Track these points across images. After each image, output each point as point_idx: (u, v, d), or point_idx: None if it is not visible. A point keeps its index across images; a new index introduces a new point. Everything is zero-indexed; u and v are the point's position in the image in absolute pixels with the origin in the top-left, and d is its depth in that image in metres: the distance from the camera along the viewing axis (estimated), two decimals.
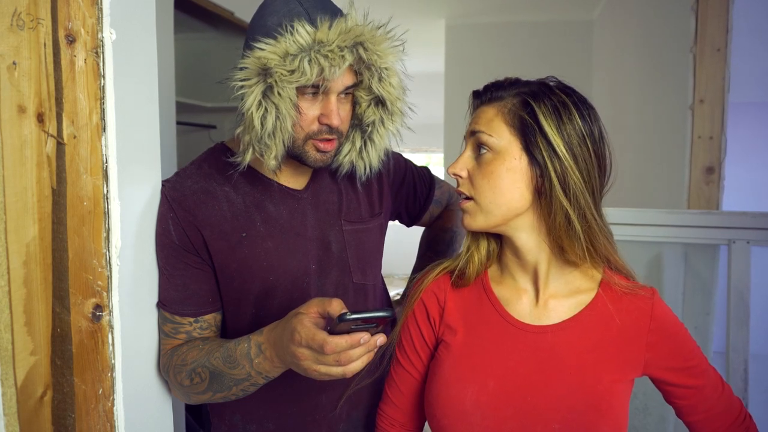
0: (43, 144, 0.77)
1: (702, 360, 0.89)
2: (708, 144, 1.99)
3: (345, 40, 0.86)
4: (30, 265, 0.76)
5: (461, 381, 0.87)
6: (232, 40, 2.68)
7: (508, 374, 0.85)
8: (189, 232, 0.94)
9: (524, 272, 0.89)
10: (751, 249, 1.67)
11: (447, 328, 0.92)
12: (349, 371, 0.74)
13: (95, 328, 0.83)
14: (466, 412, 0.85)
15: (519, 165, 0.82)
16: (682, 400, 0.89)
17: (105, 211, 0.84)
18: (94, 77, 0.81)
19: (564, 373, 0.84)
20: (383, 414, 1.01)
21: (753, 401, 1.69)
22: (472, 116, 0.88)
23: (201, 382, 0.89)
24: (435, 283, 0.95)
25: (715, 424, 0.89)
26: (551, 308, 0.87)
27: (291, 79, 0.85)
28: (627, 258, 0.91)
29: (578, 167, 0.81)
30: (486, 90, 0.87)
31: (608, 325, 0.85)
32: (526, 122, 0.81)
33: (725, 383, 0.91)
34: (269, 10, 0.89)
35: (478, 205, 0.85)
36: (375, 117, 0.97)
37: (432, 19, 4.17)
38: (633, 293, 0.87)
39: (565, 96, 0.83)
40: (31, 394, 0.77)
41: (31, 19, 0.74)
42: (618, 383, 0.84)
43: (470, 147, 0.87)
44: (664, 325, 0.86)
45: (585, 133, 0.81)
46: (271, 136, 0.89)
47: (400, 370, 0.98)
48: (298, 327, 0.75)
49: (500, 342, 0.87)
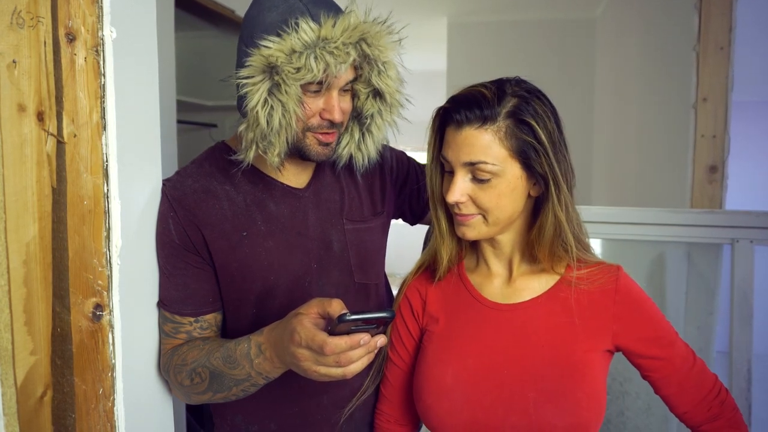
0: (43, 143, 0.76)
1: (669, 332, 0.92)
2: (711, 143, 1.98)
3: (350, 37, 0.86)
4: (30, 264, 0.75)
5: (442, 361, 0.91)
6: (232, 39, 2.68)
7: (485, 351, 0.90)
8: (189, 232, 0.94)
9: (499, 260, 0.96)
10: (754, 248, 1.66)
11: (430, 318, 0.97)
12: (349, 372, 0.74)
13: (95, 327, 0.83)
14: (447, 388, 0.89)
15: (521, 183, 0.86)
16: (653, 373, 0.92)
17: (105, 210, 0.84)
18: (94, 76, 0.81)
19: (537, 346, 0.89)
20: (380, 412, 1.04)
21: (756, 401, 1.68)
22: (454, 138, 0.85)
23: (201, 382, 0.89)
24: (416, 280, 1.01)
25: (688, 397, 0.91)
26: (521, 288, 0.93)
27: (297, 77, 0.85)
28: (630, 257, 0.92)
29: (561, 172, 0.84)
30: (467, 108, 0.83)
31: (576, 301, 0.90)
32: (527, 143, 0.83)
33: (697, 357, 0.94)
34: (267, 5, 0.88)
35: (486, 221, 0.88)
36: (373, 109, 0.97)
37: (434, 16, 4.16)
38: (595, 274, 0.91)
39: (539, 101, 0.85)
40: (31, 394, 0.77)
41: (31, 18, 0.74)
42: (590, 353, 0.88)
43: (463, 173, 0.86)
44: (629, 297, 0.90)
45: (558, 137, 0.85)
46: (276, 134, 0.88)
47: (391, 365, 1.02)
48: (298, 327, 0.74)
49: (476, 323, 0.93)
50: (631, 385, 1.82)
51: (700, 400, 0.91)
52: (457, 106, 0.85)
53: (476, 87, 0.86)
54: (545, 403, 0.85)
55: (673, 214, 1.73)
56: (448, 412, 0.89)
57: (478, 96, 0.84)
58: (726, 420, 0.91)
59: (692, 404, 0.91)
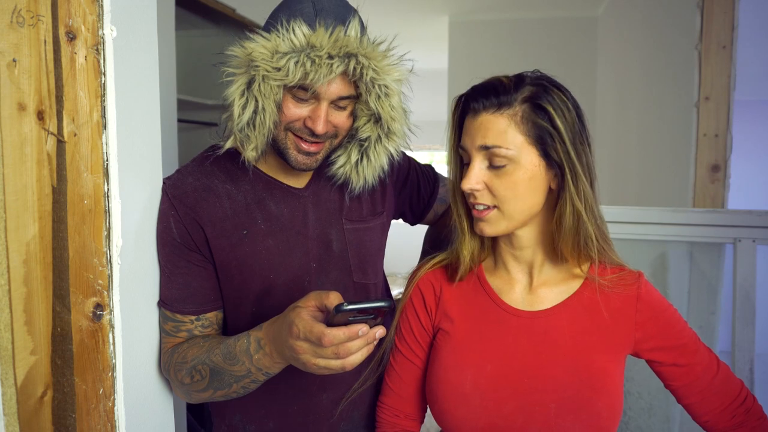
0: (44, 142, 0.76)
1: (692, 340, 0.90)
2: (713, 142, 1.98)
3: (335, 49, 0.85)
4: (30, 263, 0.75)
5: (460, 366, 0.89)
6: (233, 38, 2.67)
7: (505, 358, 0.88)
8: (190, 230, 0.94)
9: (519, 264, 0.93)
10: (756, 248, 1.66)
11: (444, 316, 0.95)
12: (348, 364, 0.73)
13: (96, 327, 0.82)
14: (465, 395, 0.88)
15: (539, 171, 0.83)
16: (676, 382, 0.90)
17: (106, 209, 0.83)
18: (94, 74, 0.81)
19: (557, 355, 0.87)
20: (384, 406, 1.01)
21: (759, 400, 1.67)
22: (471, 124, 0.85)
23: (201, 379, 0.88)
24: (431, 273, 0.99)
25: (711, 405, 0.89)
26: (542, 295, 0.91)
27: (275, 77, 0.85)
28: (632, 257, 0.91)
29: (581, 163, 0.82)
30: (484, 95, 0.83)
31: (597, 309, 0.88)
32: (544, 128, 0.81)
33: (721, 363, 0.92)
34: (286, 3, 0.90)
35: (502, 213, 0.85)
36: (372, 134, 0.96)
37: (435, 15, 4.16)
38: (619, 279, 0.89)
39: (559, 92, 0.83)
40: (32, 394, 0.76)
41: (32, 16, 0.74)
42: (610, 363, 0.87)
43: (480, 159, 0.84)
44: (650, 305, 0.89)
45: (579, 128, 0.83)
46: (251, 128, 0.89)
47: (401, 358, 0.99)
48: (296, 320, 0.74)
49: (496, 328, 0.91)
50: (633, 385, 1.81)
51: (724, 408, 0.89)
52: (475, 94, 0.85)
53: (496, 77, 0.86)
54: (567, 414, 0.84)
55: (676, 214, 1.72)
56: (466, 418, 0.87)
57: (496, 83, 0.84)
58: (750, 428, 0.89)
59: (715, 412, 0.89)
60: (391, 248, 1.28)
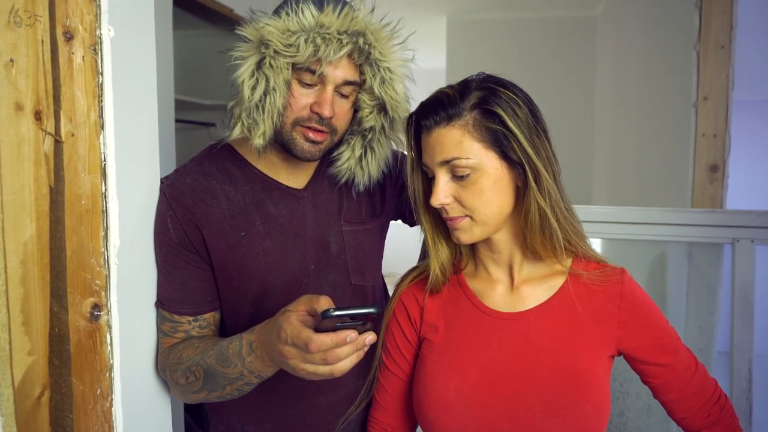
0: (41, 142, 0.76)
1: (673, 339, 0.91)
2: (712, 142, 1.98)
3: (344, 26, 0.87)
4: (27, 264, 0.75)
5: (444, 373, 0.89)
6: (231, 38, 2.66)
7: (489, 363, 0.88)
8: (188, 230, 0.93)
9: (498, 265, 0.93)
10: (755, 248, 1.66)
11: (428, 326, 0.94)
12: (337, 370, 0.72)
13: (93, 327, 0.82)
14: (450, 403, 0.87)
15: (502, 173, 0.84)
16: (655, 379, 0.90)
17: (103, 209, 0.83)
18: (92, 75, 0.81)
19: (542, 356, 0.86)
20: (374, 420, 1.01)
21: (757, 401, 1.67)
22: (427, 142, 0.85)
23: (196, 380, 0.88)
24: (414, 285, 0.98)
25: (689, 404, 0.91)
26: (525, 294, 0.90)
27: (286, 53, 0.86)
28: (631, 257, 0.91)
29: (540, 159, 0.82)
30: (433, 111, 0.84)
31: (581, 307, 0.88)
32: (497, 131, 0.81)
33: (699, 363, 0.93)
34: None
35: (475, 221, 0.86)
36: (376, 123, 0.96)
37: (433, 15, 4.16)
38: (602, 275, 0.89)
39: (507, 90, 0.83)
40: (29, 395, 0.76)
41: (29, 16, 0.73)
42: (595, 361, 0.86)
43: (443, 173, 0.85)
44: (633, 303, 0.89)
45: (534, 123, 0.83)
46: (259, 111, 0.89)
47: (387, 373, 0.99)
48: (284, 324, 0.74)
49: (479, 333, 0.90)
50: (631, 386, 1.81)
51: (700, 407, 0.90)
52: (424, 111, 0.85)
53: (441, 89, 0.86)
54: (553, 416, 0.83)
55: (674, 214, 1.72)
56: (452, 426, 0.87)
57: (441, 97, 0.84)
58: (724, 426, 0.91)
59: (692, 411, 0.90)
60: (390, 249, 1.28)
